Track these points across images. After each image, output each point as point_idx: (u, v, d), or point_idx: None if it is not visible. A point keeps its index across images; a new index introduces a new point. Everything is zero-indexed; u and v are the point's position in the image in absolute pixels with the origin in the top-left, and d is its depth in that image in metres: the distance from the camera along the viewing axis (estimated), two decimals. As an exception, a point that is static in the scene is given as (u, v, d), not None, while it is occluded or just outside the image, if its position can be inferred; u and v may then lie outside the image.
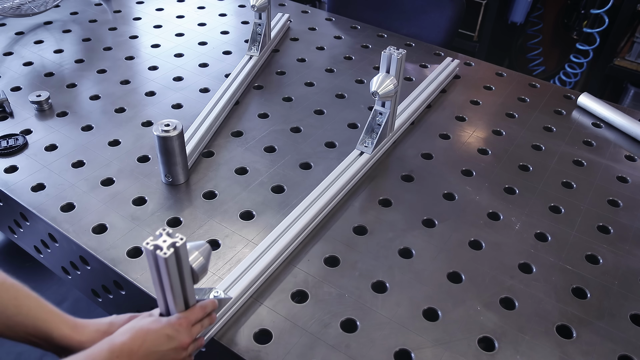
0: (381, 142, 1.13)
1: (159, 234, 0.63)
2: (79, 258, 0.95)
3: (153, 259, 0.63)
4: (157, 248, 0.62)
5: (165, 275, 0.64)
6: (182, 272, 0.65)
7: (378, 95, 1.04)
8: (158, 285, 0.66)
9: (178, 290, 0.67)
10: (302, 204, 0.98)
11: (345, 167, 1.07)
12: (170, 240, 0.62)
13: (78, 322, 0.68)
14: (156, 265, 0.63)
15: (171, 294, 0.66)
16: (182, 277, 0.66)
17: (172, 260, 0.63)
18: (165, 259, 0.61)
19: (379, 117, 1.12)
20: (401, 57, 1.03)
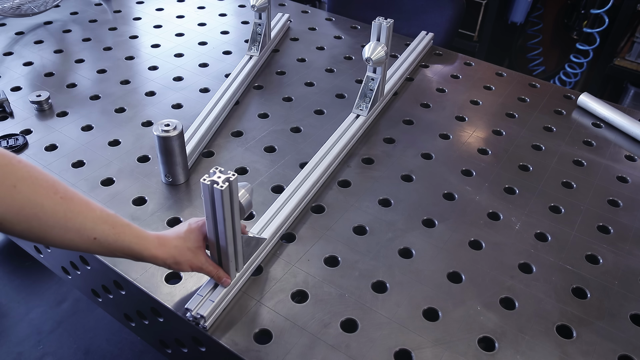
0: (374, 105, 1.25)
1: (213, 171, 0.72)
2: (79, 258, 0.95)
3: (210, 193, 0.72)
4: (214, 183, 0.70)
5: (220, 207, 0.72)
6: (233, 205, 0.74)
7: (371, 61, 1.14)
8: (211, 219, 0.75)
9: (229, 222, 0.75)
10: (313, 159, 1.09)
11: (344, 128, 1.19)
12: (224, 176, 0.71)
13: (163, 239, 0.78)
14: (212, 198, 0.72)
15: (223, 225, 0.75)
16: (232, 209, 0.74)
17: (227, 193, 0.71)
18: (221, 191, 0.70)
19: (371, 83, 1.23)
20: (390, 26, 1.15)
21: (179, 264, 0.78)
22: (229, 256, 0.80)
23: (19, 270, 1.97)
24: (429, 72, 1.48)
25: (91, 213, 0.71)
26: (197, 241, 0.80)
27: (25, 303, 1.85)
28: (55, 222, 0.67)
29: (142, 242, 0.75)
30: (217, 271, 0.82)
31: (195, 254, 0.79)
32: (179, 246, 0.78)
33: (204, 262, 0.80)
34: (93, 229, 0.71)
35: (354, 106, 1.24)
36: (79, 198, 0.71)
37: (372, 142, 1.20)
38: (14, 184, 0.63)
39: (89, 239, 0.71)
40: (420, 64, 1.51)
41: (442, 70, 1.50)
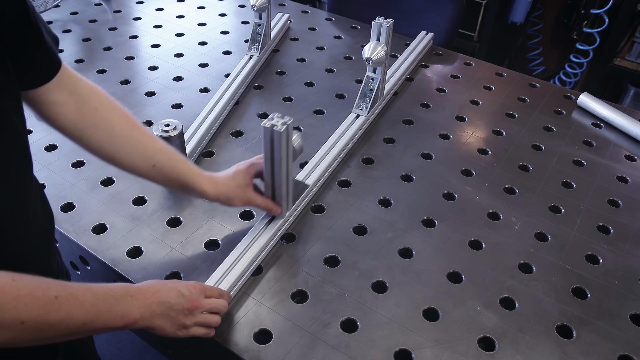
0: (374, 105, 1.25)
1: (271, 117, 0.82)
2: (79, 258, 0.95)
3: (269, 135, 0.81)
4: (274, 126, 0.80)
5: (278, 148, 0.82)
6: (289, 147, 0.84)
7: (371, 61, 1.14)
8: (269, 160, 0.85)
9: (284, 162, 0.85)
10: (313, 159, 1.10)
11: (344, 128, 1.19)
12: (282, 121, 0.81)
13: (214, 178, 0.88)
14: (271, 140, 0.82)
15: (279, 166, 0.85)
16: (288, 150, 0.84)
17: (285, 135, 0.81)
18: (280, 133, 0.80)
19: (371, 83, 1.23)
20: (390, 26, 1.15)
21: (230, 200, 0.89)
22: (283, 194, 0.90)
23: (19, 270, 1.97)
24: (429, 72, 1.48)
25: (154, 144, 0.83)
26: (245, 179, 0.90)
27: (25, 303, 1.85)
28: (123, 144, 0.80)
29: (195, 178, 0.85)
30: (267, 202, 0.92)
31: (244, 191, 0.89)
32: (229, 184, 0.88)
33: (253, 196, 0.90)
34: (153, 157, 0.82)
35: (354, 106, 1.24)
36: (146, 131, 0.83)
37: (372, 142, 1.20)
38: (96, 106, 0.78)
39: (149, 165, 0.82)
40: (420, 64, 1.51)
41: (442, 70, 1.50)
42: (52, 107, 0.75)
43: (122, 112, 0.81)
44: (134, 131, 0.81)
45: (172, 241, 0.93)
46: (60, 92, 0.74)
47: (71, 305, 0.61)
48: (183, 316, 0.73)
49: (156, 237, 0.94)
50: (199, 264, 0.89)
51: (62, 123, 0.77)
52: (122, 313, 0.67)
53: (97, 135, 0.79)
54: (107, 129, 0.79)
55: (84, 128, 0.77)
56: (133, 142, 0.81)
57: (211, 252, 0.92)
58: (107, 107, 0.80)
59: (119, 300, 0.67)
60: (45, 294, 0.59)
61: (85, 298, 0.63)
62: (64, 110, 0.75)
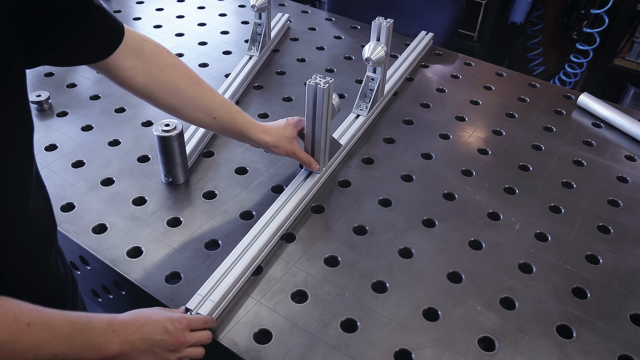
0: (374, 105, 1.26)
1: (314, 76, 0.92)
2: (79, 258, 0.95)
3: (313, 92, 0.92)
4: (318, 84, 0.90)
5: (320, 104, 0.92)
6: (329, 104, 0.94)
7: (371, 61, 1.15)
8: (311, 116, 0.96)
9: (325, 118, 0.95)
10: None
11: (345, 128, 1.20)
12: (324, 80, 0.91)
13: (266, 127, 0.97)
14: (314, 97, 0.92)
15: (320, 121, 0.95)
16: (329, 107, 0.94)
17: (327, 92, 0.91)
18: (324, 90, 0.90)
19: (371, 83, 1.24)
20: (390, 26, 1.15)
21: (277, 147, 0.98)
22: (321, 148, 1.00)
23: (19, 270, 1.97)
24: (429, 72, 1.48)
25: (214, 98, 0.91)
26: (293, 132, 1.00)
27: (25, 303, 1.84)
28: (187, 101, 0.88)
29: (250, 127, 0.95)
30: (308, 158, 1.02)
31: (291, 142, 0.99)
32: (279, 134, 0.98)
33: (297, 149, 1.00)
34: (214, 110, 0.91)
35: (354, 106, 1.24)
36: (206, 86, 0.91)
37: (372, 142, 1.20)
38: (162, 68, 0.85)
39: (210, 118, 0.91)
40: (420, 64, 1.51)
41: (442, 70, 1.50)
42: (121, 72, 0.80)
43: (185, 69, 0.88)
44: (197, 88, 0.89)
45: (172, 241, 0.93)
46: (126, 58, 0.79)
47: (44, 334, 0.59)
48: (167, 352, 0.71)
49: (156, 237, 0.94)
50: (199, 264, 0.89)
51: (132, 85, 0.83)
52: (100, 347, 0.65)
53: (165, 94, 0.86)
54: (173, 88, 0.86)
55: (152, 87, 0.84)
56: (197, 98, 0.88)
57: (211, 252, 0.92)
58: (171, 67, 0.86)
59: (98, 334, 0.65)
60: (17, 320, 0.57)
61: (62, 328, 0.61)
62: (133, 73, 0.81)
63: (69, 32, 0.67)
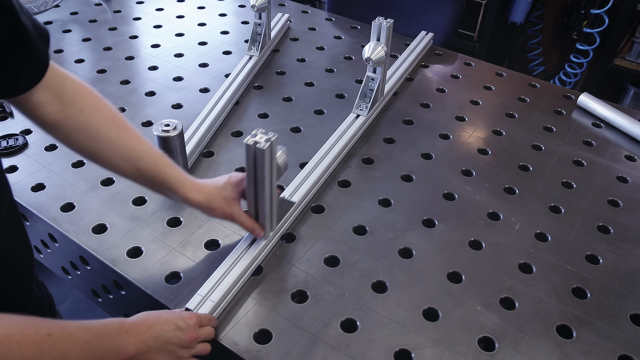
0: (374, 105, 1.25)
1: (254, 133, 0.77)
2: (79, 258, 0.95)
3: (252, 153, 0.77)
4: (256, 143, 0.76)
5: (261, 166, 0.78)
6: (273, 164, 0.80)
7: (371, 61, 1.14)
8: (252, 177, 0.81)
9: (268, 180, 0.80)
10: (313, 159, 1.09)
11: (345, 128, 1.19)
12: (265, 137, 0.77)
13: (200, 185, 0.84)
14: (254, 157, 0.77)
15: (262, 185, 0.80)
16: (272, 168, 0.80)
17: (268, 152, 0.77)
18: (263, 151, 0.75)
19: (371, 83, 1.23)
20: (390, 26, 1.14)
21: (212, 210, 0.85)
22: (266, 213, 0.86)
23: (19, 270, 1.97)
24: (429, 72, 1.48)
25: (139, 146, 0.81)
26: (233, 193, 0.86)
27: (25, 303, 1.84)
28: (107, 146, 0.78)
29: (180, 184, 0.83)
30: (252, 223, 0.88)
31: (229, 205, 0.85)
32: (215, 194, 0.84)
33: (237, 212, 0.86)
34: (138, 160, 0.80)
35: (354, 106, 1.24)
36: (133, 132, 0.81)
37: (372, 142, 1.20)
38: (80, 108, 0.76)
39: (134, 168, 0.80)
40: (420, 64, 1.51)
41: (442, 70, 1.50)
42: (35, 107, 0.73)
43: (109, 112, 0.79)
44: (120, 133, 0.79)
45: (172, 241, 0.93)
46: (44, 93, 0.72)
47: (65, 343, 0.59)
48: (180, 349, 0.72)
49: (156, 237, 0.94)
50: (199, 264, 0.89)
51: (46, 123, 0.75)
52: (117, 349, 0.65)
53: (81, 137, 0.77)
54: (91, 131, 0.77)
55: (67, 129, 0.76)
56: (118, 145, 0.79)
57: (211, 252, 0.92)
58: (92, 107, 0.78)
59: (113, 336, 0.65)
60: (38, 332, 0.57)
61: (79, 335, 0.61)
62: (48, 110, 0.74)
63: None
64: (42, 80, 0.71)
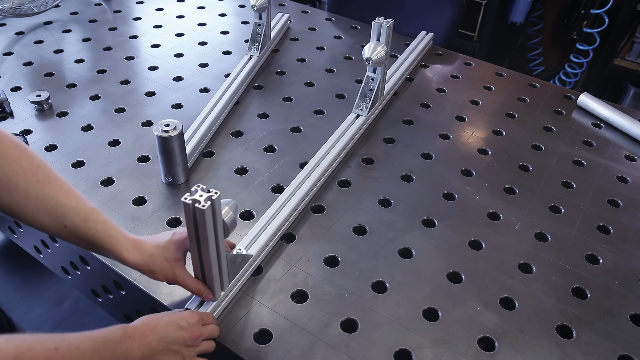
0: (374, 105, 1.25)
1: (195, 190, 0.68)
2: (78, 258, 0.95)
3: (192, 212, 0.68)
4: (195, 202, 0.67)
5: (203, 227, 0.69)
6: (217, 224, 0.71)
7: (371, 61, 1.14)
8: (194, 239, 0.72)
9: (212, 241, 0.71)
10: (313, 159, 1.09)
11: (345, 128, 1.18)
12: (206, 195, 0.67)
13: (140, 244, 0.76)
14: (194, 217, 0.69)
15: (207, 245, 0.71)
16: (216, 228, 0.71)
17: (209, 212, 0.68)
18: (203, 211, 0.67)
19: (371, 83, 1.23)
20: (390, 26, 1.14)
21: (153, 273, 0.76)
22: (213, 275, 0.77)
23: (19, 270, 1.97)
24: (429, 72, 1.48)
25: (65, 201, 0.72)
26: (177, 253, 0.77)
27: (25, 303, 1.85)
28: (27, 202, 0.70)
29: (114, 243, 0.74)
30: (197, 285, 0.78)
31: (172, 266, 0.77)
32: (155, 255, 0.76)
33: (181, 274, 0.77)
34: (64, 216, 0.72)
35: (354, 106, 1.24)
36: (58, 185, 0.72)
37: (372, 142, 1.20)
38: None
39: (60, 226, 0.72)
40: (420, 64, 1.51)
41: (442, 70, 1.50)
42: None
43: (31, 164, 0.71)
44: (42, 186, 0.71)
45: (172, 241, 0.93)
46: None
47: (73, 355, 0.59)
48: (185, 348, 0.72)
49: (156, 237, 0.94)
50: (199, 264, 0.89)
51: None
52: (124, 355, 0.65)
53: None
54: (7, 184, 0.69)
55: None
56: (40, 199, 0.70)
57: (211, 252, 0.92)
58: (10, 159, 0.69)
59: (118, 343, 0.65)
60: (45, 347, 0.57)
61: (86, 346, 0.61)
62: None
63: None
64: None
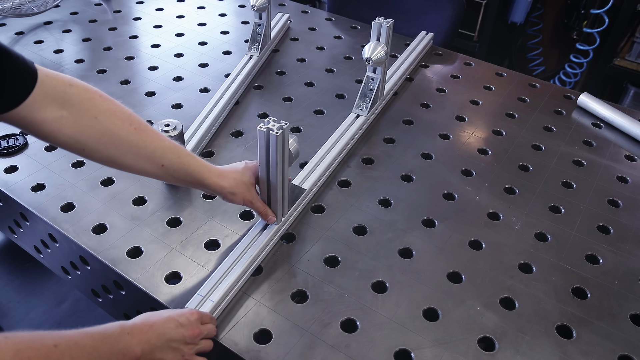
0: (374, 105, 1.25)
1: (267, 120, 0.80)
2: (79, 258, 0.95)
3: (265, 138, 0.80)
4: (270, 130, 0.79)
5: (274, 152, 0.81)
6: (285, 150, 0.83)
7: (371, 61, 1.15)
8: (265, 163, 0.84)
9: (280, 166, 0.83)
10: (313, 159, 1.10)
11: (345, 128, 1.19)
12: (278, 125, 0.80)
13: (222, 171, 0.86)
14: (267, 143, 0.80)
15: (275, 169, 0.83)
16: (284, 154, 0.83)
17: (280, 139, 0.80)
18: (276, 137, 0.79)
19: (371, 83, 1.23)
20: (390, 26, 1.15)
21: (234, 195, 0.86)
22: (278, 198, 0.88)
23: (19, 270, 1.97)
24: (429, 72, 1.48)
25: (161, 143, 0.79)
26: (252, 178, 0.88)
27: (25, 303, 1.85)
28: (129, 150, 0.76)
29: (205, 172, 0.83)
30: (265, 209, 0.90)
31: (249, 189, 0.88)
32: (237, 179, 0.86)
33: (255, 197, 0.89)
34: (162, 157, 0.79)
35: (354, 106, 1.24)
36: (151, 130, 0.79)
37: (372, 142, 1.20)
38: (95, 115, 0.73)
39: (158, 166, 0.79)
40: (420, 64, 1.51)
41: (442, 70, 1.50)
42: (43, 125, 0.69)
43: (124, 114, 0.76)
44: (140, 134, 0.77)
45: (172, 241, 0.93)
46: (48, 108, 0.68)
47: (72, 351, 0.59)
48: (184, 345, 0.72)
49: (156, 237, 0.94)
50: (199, 264, 0.89)
51: (60, 139, 0.71)
52: (124, 351, 0.65)
53: (101, 145, 0.74)
54: (111, 137, 0.74)
55: (85, 140, 0.72)
56: (140, 146, 0.77)
57: (211, 252, 0.92)
58: (107, 112, 0.74)
59: (117, 339, 0.65)
60: (44, 344, 0.57)
61: (85, 342, 0.61)
62: (59, 126, 0.70)
63: None
64: (42, 92, 0.67)
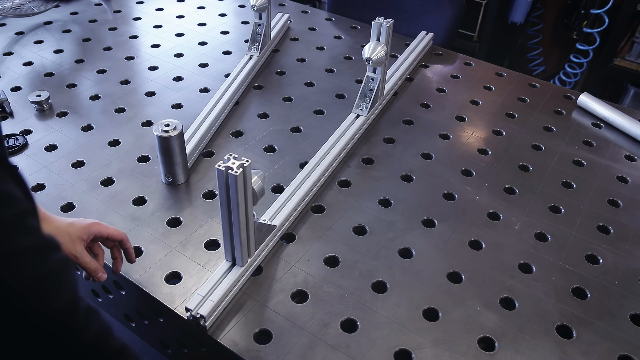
0: (374, 105, 1.25)
1: (227, 158, 0.74)
2: (79, 258, 0.95)
3: (224, 179, 0.74)
4: (229, 169, 0.73)
5: (234, 193, 0.75)
6: (247, 191, 0.76)
7: (371, 61, 1.14)
8: (225, 205, 0.77)
9: (242, 207, 0.77)
10: (313, 159, 1.09)
11: (345, 128, 1.18)
12: (238, 162, 0.74)
13: (48, 218, 0.80)
14: (226, 184, 0.74)
15: (236, 211, 0.77)
16: (246, 195, 0.77)
17: (241, 179, 0.74)
18: (235, 177, 0.72)
19: (371, 83, 1.23)
20: (390, 26, 1.14)
21: None
22: (242, 240, 0.82)
23: (19, 270, 1.97)
24: (429, 72, 1.48)
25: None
26: (80, 233, 0.82)
27: (25, 303, 1.84)
28: None
29: None
30: (94, 265, 0.82)
31: (74, 243, 0.81)
32: (60, 227, 0.81)
33: (79, 252, 0.81)
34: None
35: (354, 106, 1.24)
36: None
37: (372, 142, 1.20)
38: None
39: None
40: (420, 64, 1.51)
41: (442, 70, 1.50)
42: None
43: None
44: None
45: (172, 241, 0.93)
46: None
47: None
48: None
49: (156, 237, 0.94)
50: (199, 264, 0.89)
51: None
52: None
53: None
54: None
55: None
56: None
57: (211, 252, 0.92)
58: None
59: None
60: None
61: None
62: None
63: None
64: None
